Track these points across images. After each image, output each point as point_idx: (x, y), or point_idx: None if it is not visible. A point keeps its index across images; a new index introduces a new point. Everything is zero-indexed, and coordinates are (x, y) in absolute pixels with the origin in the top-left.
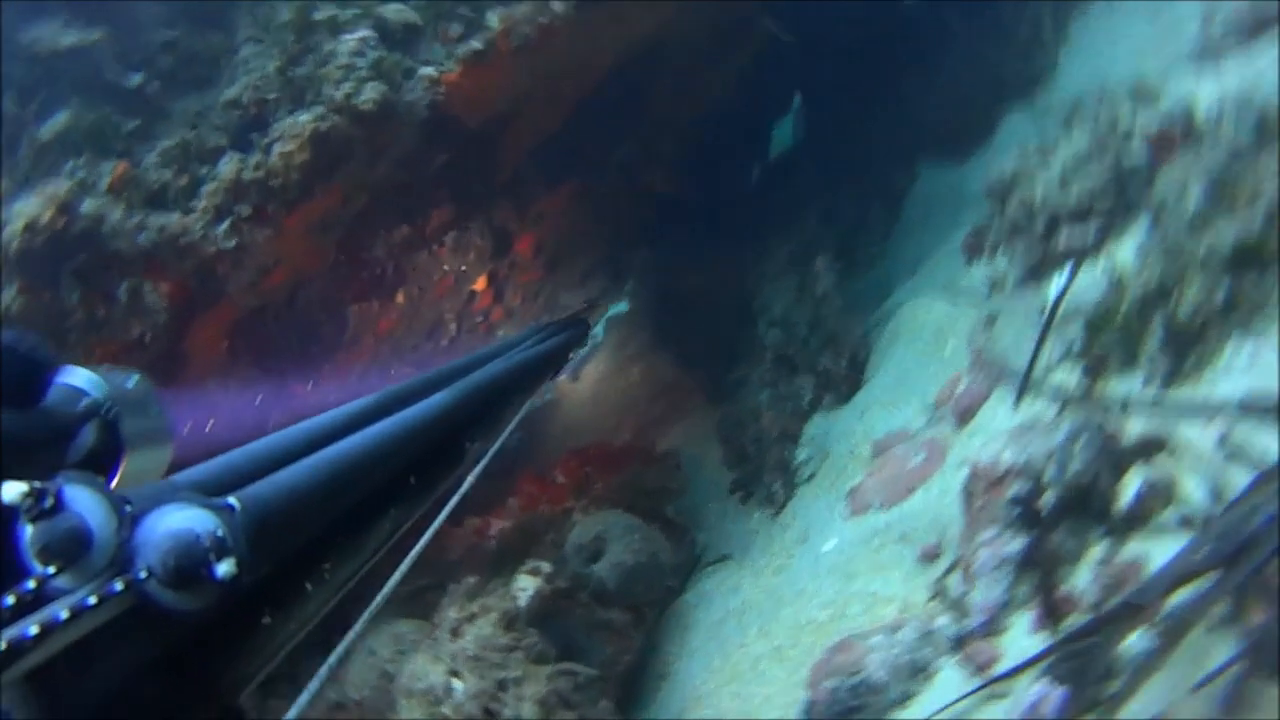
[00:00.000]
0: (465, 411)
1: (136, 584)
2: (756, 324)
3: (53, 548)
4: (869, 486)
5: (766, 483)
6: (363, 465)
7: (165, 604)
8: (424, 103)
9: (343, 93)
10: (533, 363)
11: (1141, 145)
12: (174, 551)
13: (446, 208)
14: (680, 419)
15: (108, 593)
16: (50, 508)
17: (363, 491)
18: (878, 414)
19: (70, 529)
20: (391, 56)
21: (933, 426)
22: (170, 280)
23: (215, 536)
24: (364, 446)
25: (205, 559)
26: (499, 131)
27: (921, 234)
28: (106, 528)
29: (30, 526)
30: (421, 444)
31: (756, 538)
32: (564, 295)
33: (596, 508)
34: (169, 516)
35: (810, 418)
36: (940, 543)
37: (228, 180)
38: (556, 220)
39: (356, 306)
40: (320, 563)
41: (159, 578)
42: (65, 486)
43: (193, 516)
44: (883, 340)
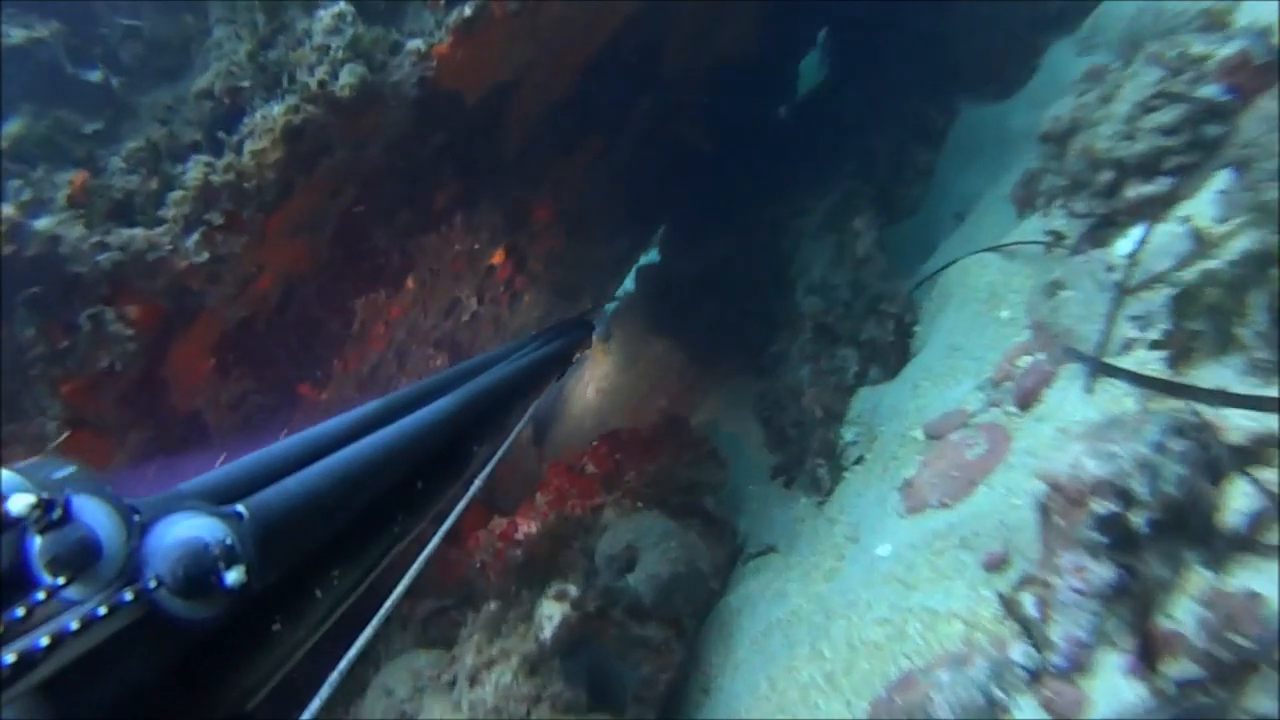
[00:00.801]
0: (471, 416)
1: (146, 593)
2: (793, 288)
3: (62, 559)
4: (925, 479)
5: (810, 467)
6: (370, 471)
7: (175, 612)
8: (412, 80)
9: (316, 78)
10: (537, 366)
11: (1218, 79)
12: (183, 560)
13: (452, 186)
14: (715, 391)
15: (118, 603)
16: (58, 519)
17: (370, 497)
18: (929, 390)
19: (79, 540)
20: (371, 32)
21: (992, 408)
22: (139, 302)
23: (224, 544)
24: (371, 452)
25: (214, 567)
26: (502, 103)
27: (964, 178)
28: (115, 538)
29: (39, 538)
30: (428, 449)
31: (802, 528)
32: (595, 251)
33: (630, 502)
34: (178, 525)
35: (856, 392)
36: (1006, 551)
37: (195, 186)
38: (575, 185)
39: (363, 299)
40: (329, 569)
41: (169, 586)
42: (73, 497)
43: (201, 525)
44: (931, 303)
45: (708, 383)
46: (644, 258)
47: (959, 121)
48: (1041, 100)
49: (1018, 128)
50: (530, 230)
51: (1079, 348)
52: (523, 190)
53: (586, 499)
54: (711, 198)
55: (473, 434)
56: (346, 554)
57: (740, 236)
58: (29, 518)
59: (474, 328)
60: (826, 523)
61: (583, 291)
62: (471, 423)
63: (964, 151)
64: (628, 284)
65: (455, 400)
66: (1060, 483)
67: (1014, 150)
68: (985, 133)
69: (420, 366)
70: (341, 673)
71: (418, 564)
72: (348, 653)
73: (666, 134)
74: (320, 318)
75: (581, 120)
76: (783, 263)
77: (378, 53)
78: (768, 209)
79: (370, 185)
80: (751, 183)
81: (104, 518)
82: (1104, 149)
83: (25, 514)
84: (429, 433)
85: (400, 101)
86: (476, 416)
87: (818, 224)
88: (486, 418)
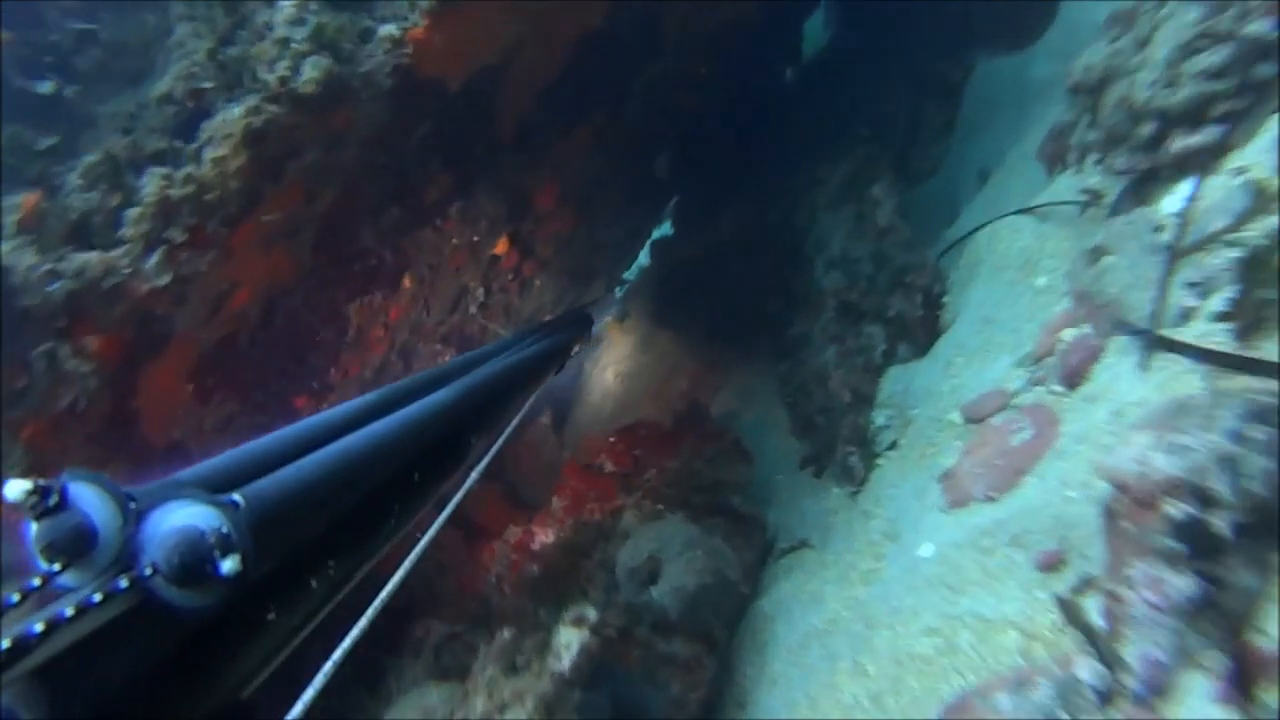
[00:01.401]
0: (470, 408)
1: (141, 580)
2: (812, 264)
3: (57, 545)
4: (966, 469)
5: (841, 456)
6: (367, 462)
7: (170, 600)
8: (386, 69)
9: (277, 75)
10: (536, 359)
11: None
12: (179, 548)
13: (443, 178)
14: (736, 372)
15: (113, 589)
16: (55, 505)
17: (367, 488)
18: (964, 368)
19: (75, 526)
20: (336, 19)
21: (1034, 387)
22: (99, 332)
23: (220, 533)
24: (368, 443)
25: (210, 555)
26: (490, 87)
27: (986, 135)
28: (111, 525)
29: (35, 524)
30: (426, 440)
31: (836, 520)
32: (605, 230)
33: (651, 504)
34: (174, 513)
35: (885, 371)
36: (1062, 549)
37: (153, 202)
38: (578, 164)
39: (357, 303)
40: (325, 559)
41: (164, 574)
42: (70, 484)
43: (197, 513)
44: (960, 272)
45: (728, 362)
46: (657, 231)
47: (976, 76)
48: (1062, 49)
49: (1039, 79)
50: (534, 215)
51: (1129, 319)
52: (522, 176)
53: (605, 502)
54: (721, 168)
55: (471, 426)
56: (343, 544)
57: (754, 207)
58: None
59: (483, 318)
60: (861, 516)
61: (596, 271)
62: (470, 415)
63: (983, 107)
64: (642, 258)
65: (453, 392)
66: (1126, 482)
67: (1037, 103)
68: (1004, 87)
69: (428, 364)
70: (336, 663)
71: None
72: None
73: (671, 105)
74: (311, 327)
75: (579, 98)
76: (799, 237)
77: (345, 42)
78: (780, 179)
79: (351, 185)
80: (762, 151)
81: (100, 505)
82: (1144, 98)
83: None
84: (427, 424)
85: (374, 93)
86: (475, 409)
87: (833, 194)
88: (485, 410)
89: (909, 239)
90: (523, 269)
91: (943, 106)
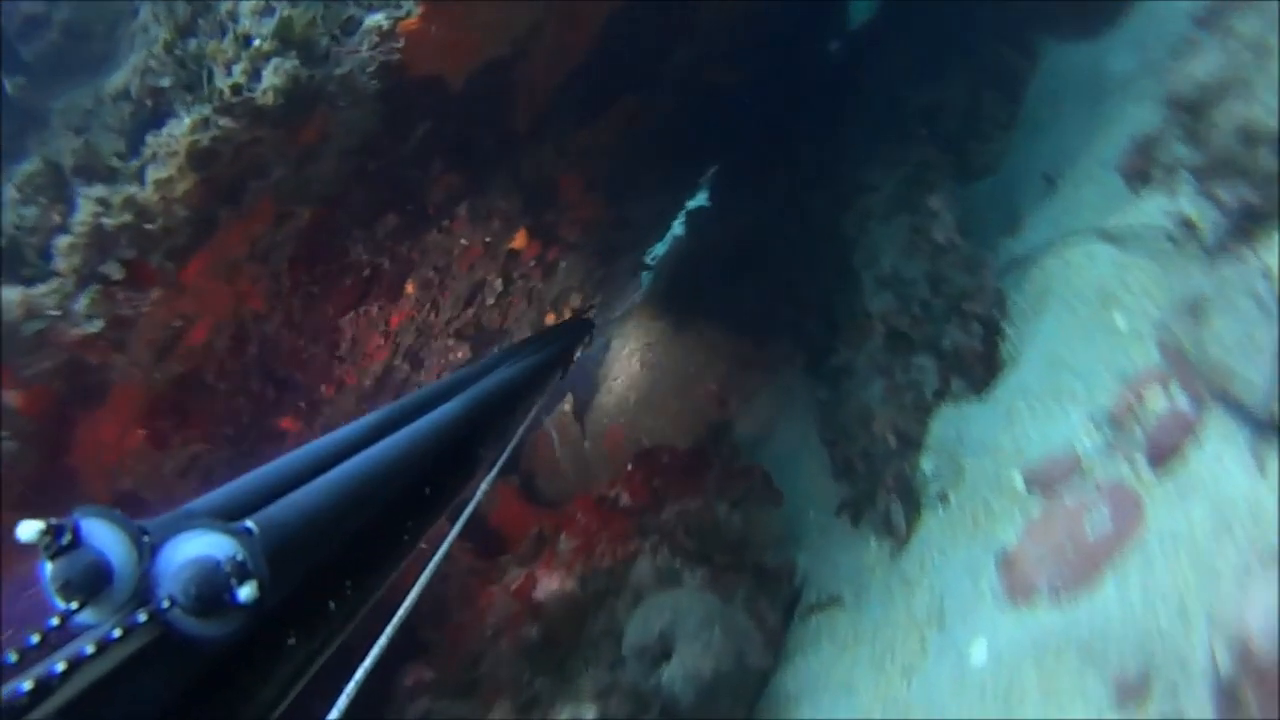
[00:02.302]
0: (476, 419)
1: (160, 613)
2: (858, 280)
3: (74, 583)
4: (1030, 553)
5: (883, 506)
6: (377, 480)
7: (189, 631)
8: (369, 70)
9: (230, 83)
10: (539, 367)
11: None
12: (195, 579)
13: (448, 178)
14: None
15: (132, 624)
16: (68, 544)
17: (379, 506)
18: (1028, 418)
19: (90, 564)
20: (307, 12)
21: (1113, 457)
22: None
23: (235, 561)
24: (378, 461)
25: (226, 584)
26: (501, 80)
27: (1052, 132)
28: (126, 560)
29: (50, 563)
30: (434, 455)
31: (873, 580)
32: (638, 208)
33: (669, 555)
34: (187, 544)
35: (936, 410)
36: (1146, 675)
37: (84, 231)
38: (607, 150)
39: (351, 314)
40: (342, 580)
41: (182, 605)
42: (82, 520)
43: (211, 542)
44: (1025, 299)
45: (760, 366)
46: (692, 201)
47: (1044, 65)
48: (1145, 39)
49: (1117, 73)
50: (558, 207)
51: (1237, 394)
52: (542, 167)
53: (618, 543)
54: (762, 142)
55: (478, 437)
56: (358, 564)
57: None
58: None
59: (503, 307)
60: (902, 582)
61: (626, 247)
62: (477, 426)
63: (1051, 101)
64: (676, 228)
65: (459, 405)
66: (1250, 647)
67: (1114, 101)
68: (1076, 79)
69: (439, 362)
70: (358, 684)
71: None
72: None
73: (708, 83)
74: (296, 347)
75: (608, 82)
76: (847, 247)
77: (320, 37)
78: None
79: (335, 199)
80: (804, 126)
81: (114, 540)
82: (1265, 122)
83: (35, 540)
84: (435, 438)
85: (355, 99)
86: (481, 420)
87: (887, 202)
88: (491, 421)
89: (969, 258)
90: (546, 255)
91: (1005, 96)
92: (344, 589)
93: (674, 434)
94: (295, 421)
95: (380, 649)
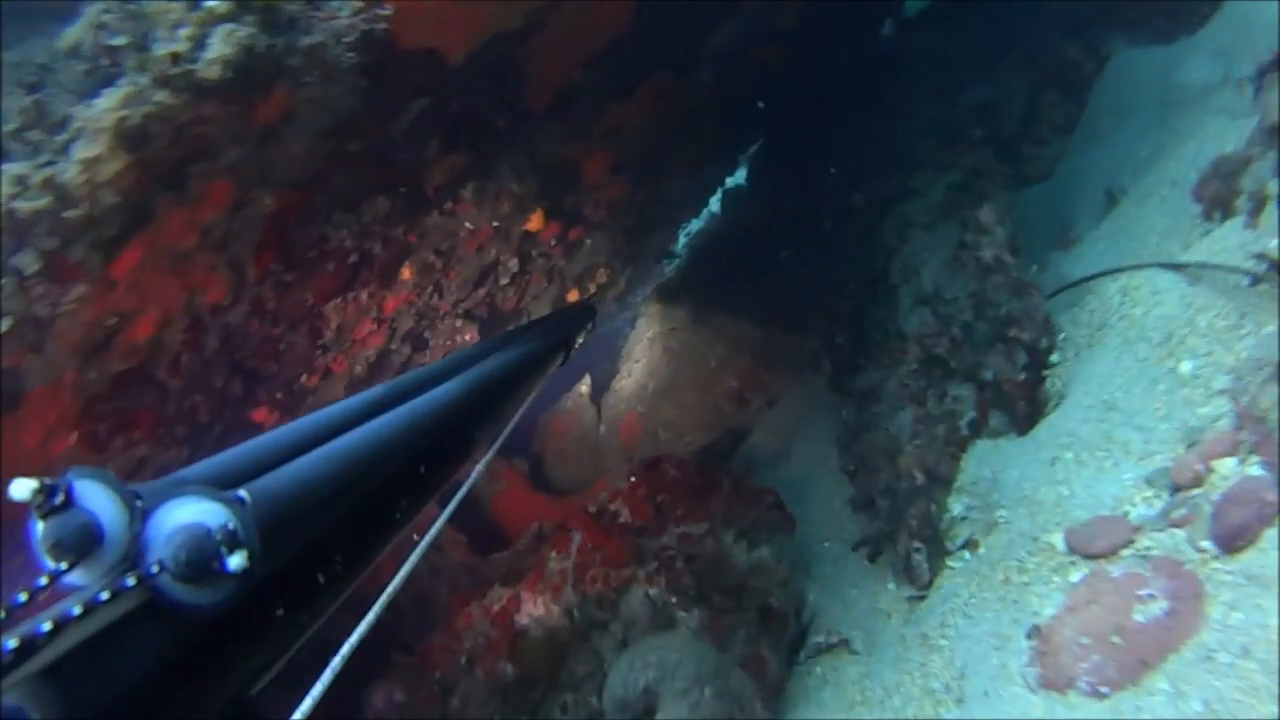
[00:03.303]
0: (475, 401)
1: (149, 578)
2: (895, 294)
3: (64, 544)
4: (1068, 633)
5: (905, 549)
6: (372, 456)
7: (178, 598)
8: (348, 39)
9: (168, 51)
10: (540, 352)
11: None
12: (185, 545)
13: (451, 159)
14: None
15: (120, 588)
16: (61, 504)
17: (373, 482)
18: (1074, 471)
19: (81, 525)
20: None
21: (1170, 528)
22: None
23: (226, 529)
24: (373, 437)
25: (217, 552)
26: (512, 54)
27: (1116, 142)
28: (118, 523)
29: (41, 523)
30: (431, 434)
31: (887, 627)
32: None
33: (665, 590)
34: (179, 510)
35: (970, 447)
36: None
37: None
38: (641, 128)
39: (340, 300)
40: (332, 554)
41: (171, 571)
42: (75, 482)
43: (203, 510)
44: (1078, 330)
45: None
46: (730, 179)
47: (1111, 67)
48: (1229, 48)
49: (1193, 84)
50: (581, 187)
51: None
52: (562, 147)
53: (611, 568)
54: (805, 130)
55: (476, 419)
56: (349, 539)
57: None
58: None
59: (520, 285)
60: (920, 640)
61: (657, 223)
62: (475, 408)
63: (1116, 107)
64: (712, 205)
65: (458, 386)
66: None
67: (1189, 115)
68: (1146, 86)
69: (445, 343)
70: (344, 658)
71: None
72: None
73: (752, 61)
74: (271, 337)
75: (641, 58)
76: (885, 255)
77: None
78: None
79: (310, 183)
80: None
81: (106, 502)
82: None
83: (28, 498)
84: (432, 418)
85: (328, 73)
86: (479, 402)
87: (932, 209)
88: (489, 404)
89: (1019, 282)
90: (568, 235)
91: (1066, 99)
92: (334, 563)
93: (692, 429)
94: (272, 413)
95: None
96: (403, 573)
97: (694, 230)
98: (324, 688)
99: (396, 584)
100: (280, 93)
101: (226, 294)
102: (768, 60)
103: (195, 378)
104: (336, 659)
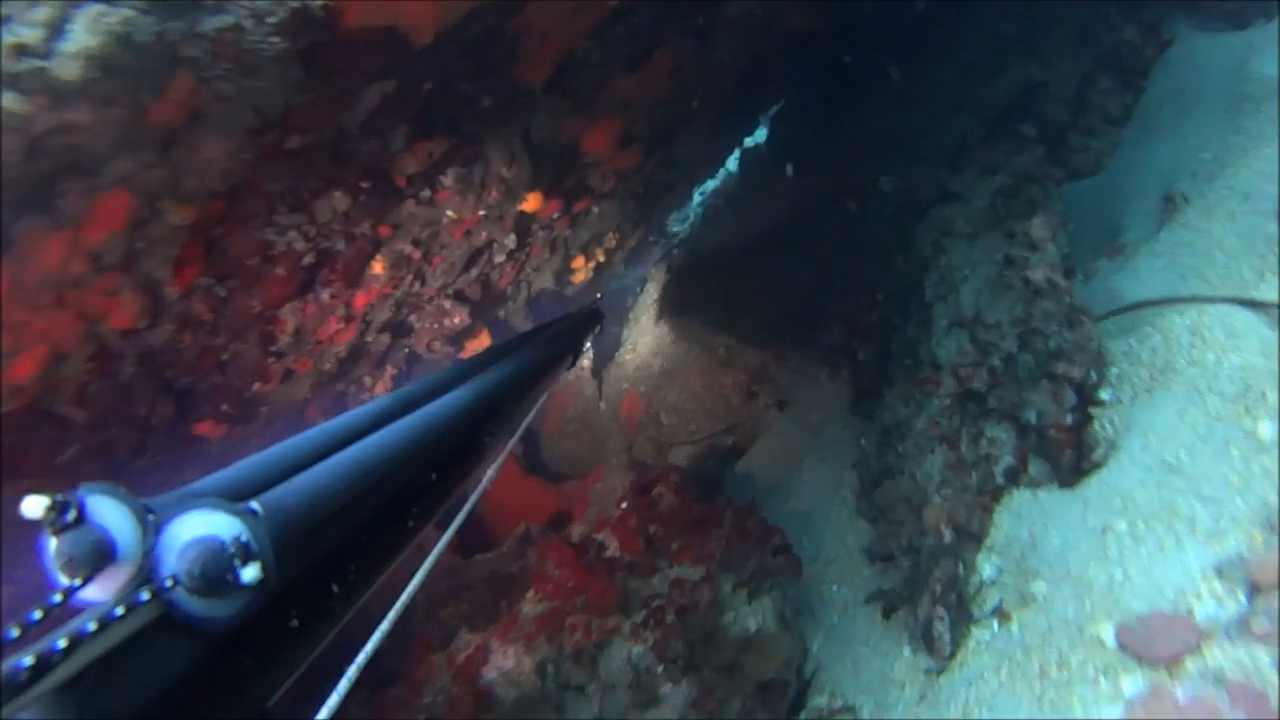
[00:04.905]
0: (484, 408)
1: (163, 593)
2: (930, 314)
3: (77, 560)
4: None
5: (925, 615)
6: (384, 464)
7: (192, 611)
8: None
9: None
10: (548, 357)
11: None
12: (199, 558)
13: (425, 146)
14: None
15: (134, 602)
16: (73, 520)
17: (385, 491)
18: (1128, 547)
19: (95, 540)
20: None
21: (1247, 637)
22: None
23: (240, 541)
24: (384, 446)
25: (230, 564)
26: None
27: (1175, 138)
28: (130, 537)
29: (54, 540)
30: (441, 441)
31: (899, 700)
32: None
33: (654, 653)
34: (192, 523)
35: (1005, 497)
36: None
37: None
38: (649, 100)
39: (298, 302)
40: (346, 564)
41: (185, 585)
42: (87, 497)
43: (216, 522)
44: (1136, 369)
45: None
46: (750, 139)
47: (1173, 53)
48: None
49: (1269, 77)
50: (584, 163)
51: None
52: (562, 122)
53: (594, 615)
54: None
55: (485, 426)
56: (362, 548)
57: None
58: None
59: (518, 261)
60: None
61: (670, 187)
62: (484, 415)
63: (1177, 99)
64: (730, 165)
65: (467, 393)
66: None
67: (1263, 114)
68: (1214, 76)
69: (431, 325)
70: (360, 667)
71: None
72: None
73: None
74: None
75: (650, 29)
76: (920, 266)
77: None
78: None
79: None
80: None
81: (119, 517)
82: None
83: (40, 515)
84: (442, 425)
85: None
86: (489, 408)
87: (976, 217)
88: (498, 410)
89: (1072, 309)
90: (572, 208)
91: (1121, 86)
92: (348, 572)
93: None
94: (219, 425)
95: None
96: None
97: (709, 189)
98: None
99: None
100: (178, 90)
101: (139, 316)
102: (797, 25)
103: (110, 406)
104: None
